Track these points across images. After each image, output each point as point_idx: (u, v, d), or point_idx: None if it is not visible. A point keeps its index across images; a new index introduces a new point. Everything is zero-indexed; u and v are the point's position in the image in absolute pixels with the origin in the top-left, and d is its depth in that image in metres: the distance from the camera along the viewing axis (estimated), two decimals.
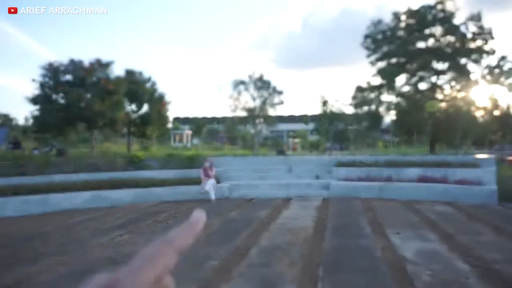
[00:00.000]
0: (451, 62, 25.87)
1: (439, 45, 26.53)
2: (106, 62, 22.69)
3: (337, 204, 9.56)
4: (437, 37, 26.59)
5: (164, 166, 11.98)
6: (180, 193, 10.51)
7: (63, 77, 21.21)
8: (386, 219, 7.73)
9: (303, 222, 7.54)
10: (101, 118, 20.60)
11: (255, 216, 8.19)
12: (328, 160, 12.91)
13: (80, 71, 21.26)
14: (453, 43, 26.18)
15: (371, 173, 11.44)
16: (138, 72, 26.55)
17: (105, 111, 20.70)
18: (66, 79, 21.40)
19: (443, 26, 26.09)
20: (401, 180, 11.15)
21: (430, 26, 26.30)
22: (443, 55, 26.24)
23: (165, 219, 7.94)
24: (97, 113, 20.52)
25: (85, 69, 21.29)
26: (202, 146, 42.20)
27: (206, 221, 0.67)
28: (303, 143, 33.68)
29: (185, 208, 9.19)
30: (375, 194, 10.53)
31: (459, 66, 25.67)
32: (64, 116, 19.54)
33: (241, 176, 11.94)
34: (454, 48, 26.18)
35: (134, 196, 10.04)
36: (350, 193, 10.66)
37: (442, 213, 8.39)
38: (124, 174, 10.94)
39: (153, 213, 8.57)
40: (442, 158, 11.97)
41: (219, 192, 10.70)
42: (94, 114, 20.37)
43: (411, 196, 10.25)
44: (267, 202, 10.13)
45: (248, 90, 18.05)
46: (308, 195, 10.81)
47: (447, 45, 26.52)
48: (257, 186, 11.28)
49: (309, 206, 9.43)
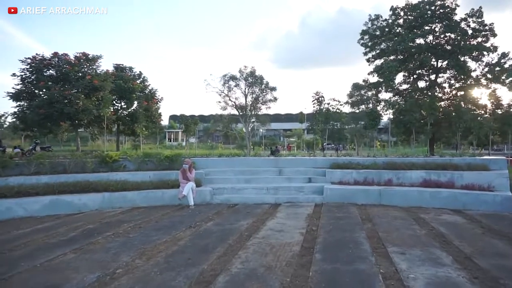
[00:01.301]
0: (451, 59, 24.60)
1: (439, 42, 25.27)
2: (93, 57, 21.30)
3: (330, 212, 8.26)
4: (437, 33, 25.32)
5: (141, 167, 10.65)
6: (155, 197, 9.19)
7: (46, 71, 19.85)
8: (388, 233, 6.43)
9: (289, 236, 6.23)
10: (86, 115, 19.22)
11: (234, 227, 6.89)
12: (322, 161, 11.61)
13: (65, 65, 19.88)
14: (453, 40, 24.91)
15: (369, 176, 10.14)
16: (128, 67, 25.30)
17: (90, 108, 19.34)
18: (50, 73, 20.05)
19: (442, 22, 24.80)
20: (402, 184, 9.87)
21: (430, 23, 25.01)
22: (442, 53, 24.97)
23: (127, 230, 6.62)
24: (82, 110, 19.16)
25: (69, 63, 19.90)
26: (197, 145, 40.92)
27: (174, 234, 4.01)
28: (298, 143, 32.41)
29: (157, 216, 7.87)
30: (373, 199, 9.24)
31: (459, 63, 24.40)
32: (45, 113, 18.16)
33: (226, 178, 10.63)
34: (454, 45, 24.92)
35: (101, 202, 8.72)
36: (346, 198, 9.37)
37: (452, 225, 7.10)
38: (94, 176, 9.60)
39: (116, 223, 7.24)
40: (447, 159, 10.68)
41: (200, 197, 9.39)
42: (78, 110, 19.01)
43: (414, 203, 8.96)
44: (252, 208, 8.83)
45: (239, 86, 16.62)
46: (299, 200, 9.51)
47: (447, 42, 25.25)
48: (243, 190, 9.97)
49: (298, 214, 8.12)
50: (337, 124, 32.05)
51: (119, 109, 23.56)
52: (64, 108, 18.50)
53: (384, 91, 25.79)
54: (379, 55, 26.33)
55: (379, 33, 26.31)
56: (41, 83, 18.94)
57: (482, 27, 24.73)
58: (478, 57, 25.10)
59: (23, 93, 19.50)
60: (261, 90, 16.91)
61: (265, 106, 17.19)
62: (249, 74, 16.79)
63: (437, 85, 25.60)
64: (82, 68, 20.57)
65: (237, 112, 17.19)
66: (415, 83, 26.35)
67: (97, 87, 19.92)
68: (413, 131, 22.82)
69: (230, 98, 16.84)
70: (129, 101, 23.19)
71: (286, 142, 36.73)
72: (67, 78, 19.67)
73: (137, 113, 22.08)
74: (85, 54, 21.11)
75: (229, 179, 10.57)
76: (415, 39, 24.81)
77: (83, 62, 20.80)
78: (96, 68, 21.32)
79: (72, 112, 18.74)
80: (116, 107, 23.66)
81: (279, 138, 56.13)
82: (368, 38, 26.55)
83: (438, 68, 25.60)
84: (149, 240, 5.93)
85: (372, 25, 26.42)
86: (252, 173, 11.01)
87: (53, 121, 19.12)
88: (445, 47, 25.18)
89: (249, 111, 17.11)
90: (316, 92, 15.82)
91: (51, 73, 20.04)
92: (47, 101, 18.32)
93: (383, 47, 26.07)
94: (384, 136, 42.86)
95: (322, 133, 21.95)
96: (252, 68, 16.74)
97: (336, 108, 23.98)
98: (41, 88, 18.94)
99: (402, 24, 26.14)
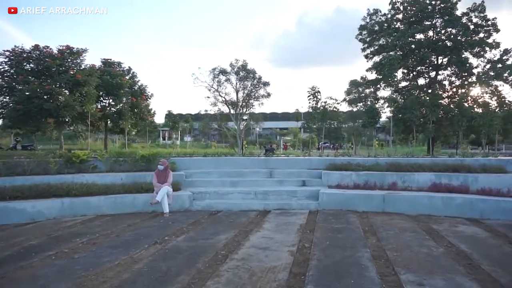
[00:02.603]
0: (452, 55, 23.35)
1: (439, 38, 24.00)
2: (78, 50, 19.85)
3: (327, 222, 6.95)
4: (437, 28, 24.06)
5: (114, 168, 9.30)
6: (124, 203, 7.83)
7: (26, 65, 18.40)
8: (397, 251, 5.13)
9: (276, 256, 4.92)
10: (68, 111, 17.80)
11: (209, 243, 5.56)
12: (318, 161, 10.29)
13: (46, 58, 18.43)
14: (454, 36, 23.66)
15: (371, 179, 8.84)
16: (117, 62, 23.90)
17: (73, 104, 17.92)
18: (31, 67, 18.59)
19: (443, 17, 23.52)
20: (408, 188, 8.57)
21: (430, 17, 23.74)
22: (443, 48, 23.71)
23: (75, 249, 5.27)
24: (64, 106, 17.74)
25: (51, 57, 18.45)
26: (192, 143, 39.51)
27: (133, 253, 3.22)
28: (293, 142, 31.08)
29: (120, 228, 6.52)
30: (376, 206, 7.94)
31: (460, 60, 23.15)
32: (23, 109, 16.75)
33: (209, 181, 9.28)
34: (455, 41, 23.67)
35: (60, 209, 7.36)
36: (344, 204, 8.06)
37: (473, 240, 5.80)
38: (56, 178, 8.24)
39: (67, 237, 5.89)
40: (457, 160, 9.40)
41: (177, 203, 8.05)
42: (60, 106, 17.59)
43: (423, 210, 7.66)
44: (236, 216, 7.50)
45: (230, 81, 15.25)
46: (291, 207, 8.19)
47: (448, 37, 24.00)
48: (228, 194, 8.63)
49: (289, 224, 6.80)
50: (334, 123, 30.77)
51: (106, 105, 22.15)
52: (44, 103, 17.05)
53: (383, 88, 24.51)
54: (377, 51, 25.03)
55: (377, 28, 25.02)
56: (20, 77, 17.48)
57: (484, 22, 23.50)
58: (480, 53, 23.89)
59: (3, 88, 18.06)
60: (253, 85, 15.55)
61: (258, 102, 15.86)
62: (240, 68, 15.44)
63: (437, 83, 24.37)
64: (66, 62, 19.09)
65: (228, 109, 15.83)
66: (415, 80, 25.11)
67: (80, 82, 18.48)
68: (413, 130, 21.58)
69: (220, 94, 15.48)
70: (117, 98, 21.74)
71: (282, 141, 35.38)
72: (48, 72, 18.21)
73: (123, 109, 20.61)
74: (69, 47, 19.62)
75: (213, 182, 9.23)
76: (415, 34, 23.54)
77: (66, 56, 19.33)
78: (81, 62, 19.85)
79: (53, 108, 17.28)
80: (104, 103, 22.27)
81: (276, 137, 54.82)
82: (367, 33, 25.23)
83: (438, 65, 24.36)
84: (97, 263, 4.58)
85: (370, 20, 25.12)
86: (240, 175, 9.68)
87: (32, 118, 17.66)
88: (446, 43, 23.93)
89: (241, 107, 15.77)
90: (312, 87, 14.46)
91: (32, 67, 18.56)
92: (26, 96, 16.89)
93: (382, 42, 24.80)
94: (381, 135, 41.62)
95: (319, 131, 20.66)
96: (243, 62, 15.39)
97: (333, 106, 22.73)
98: (20, 82, 17.48)
99: (402, 19, 24.86)
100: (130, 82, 22.96)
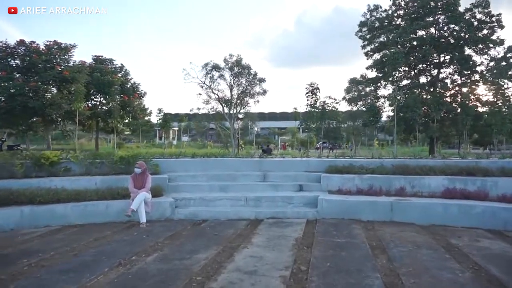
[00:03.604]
0: (454, 53, 22.33)
1: (442, 35, 22.98)
2: (66, 46, 18.79)
3: (327, 235, 5.90)
4: (440, 25, 23.04)
5: (90, 171, 8.24)
6: (96, 212, 6.78)
7: (11, 60, 17.34)
8: (414, 276, 4.09)
9: (264, 284, 3.87)
10: (54, 109, 16.76)
11: (185, 265, 4.51)
12: (317, 163, 9.25)
13: (32, 54, 17.37)
14: (457, 32, 22.64)
15: (376, 183, 7.80)
16: (108, 59, 22.80)
17: (60, 102, 16.87)
18: (16, 63, 17.54)
19: (446, 13, 22.48)
20: (418, 193, 7.53)
21: (432, 13, 22.71)
22: (446, 45, 22.69)
23: (17, 274, 4.18)
24: (50, 104, 16.71)
25: (37, 52, 17.39)
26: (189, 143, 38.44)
27: (86, 281, 2.71)
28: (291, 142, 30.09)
29: (84, 243, 5.46)
30: (383, 214, 6.90)
31: (463, 57, 22.14)
32: (6, 107, 15.71)
33: (196, 185, 8.23)
34: (458, 38, 22.66)
35: (19, 219, 6.30)
36: (347, 213, 7.02)
37: (503, 260, 4.75)
38: (20, 183, 7.19)
39: (16, 255, 4.82)
40: (471, 162, 8.38)
41: (157, 211, 7.00)
42: (46, 104, 16.56)
43: (437, 219, 6.62)
44: (222, 228, 6.45)
45: (223, 77, 14.21)
46: (286, 215, 7.14)
47: (451, 34, 22.98)
48: (215, 200, 7.58)
49: (283, 238, 5.75)
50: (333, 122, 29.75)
51: (97, 104, 21.09)
52: (29, 101, 16.01)
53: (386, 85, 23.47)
54: (378, 48, 24.03)
55: (378, 25, 24.01)
56: (3, 73, 16.42)
57: (488, 18, 22.49)
58: (484, 50, 22.88)
59: None
60: (248, 81, 14.53)
61: (253, 100, 14.85)
62: (234, 64, 14.41)
63: (439, 81, 23.35)
64: (53, 58, 18.03)
65: (222, 107, 14.79)
66: (416, 78, 24.10)
67: (68, 79, 17.42)
68: (416, 129, 20.57)
69: (213, 91, 14.43)
70: (108, 96, 20.65)
71: (280, 140, 34.33)
72: (34, 68, 17.15)
73: (111, 108, 19.53)
74: (56, 43, 18.57)
75: (200, 186, 8.18)
76: (417, 30, 22.51)
77: (54, 52, 18.28)
78: (69, 59, 18.79)
79: (38, 106, 16.23)
80: (95, 102, 21.20)
81: (274, 137, 53.79)
82: (367, 30, 24.21)
83: (440, 63, 23.35)
84: None
85: (371, 16, 24.09)
86: (230, 178, 8.63)
87: (16, 116, 16.61)
88: (449, 40, 22.93)
89: (235, 105, 14.73)
90: (311, 83, 13.40)
91: (17, 63, 17.51)
92: (10, 93, 15.83)
93: (383, 39, 23.78)
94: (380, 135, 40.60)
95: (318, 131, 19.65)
96: (238, 57, 14.37)
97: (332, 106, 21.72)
98: (3, 79, 16.41)
99: (403, 15, 23.84)
100: (122, 80, 21.90)
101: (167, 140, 43.10)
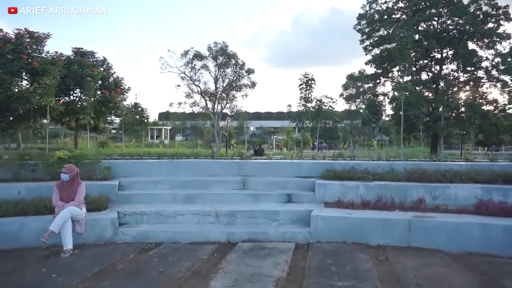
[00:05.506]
0: (458, 47, 20.51)
1: (445, 28, 21.14)
2: (39, 35, 16.76)
3: (323, 271, 3.97)
4: (443, 18, 21.20)
5: (18, 176, 6.29)
6: (5, 235, 4.82)
7: None
8: None
9: None
10: (21, 103, 14.78)
11: None
12: (311, 166, 7.29)
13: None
14: (461, 26, 20.81)
15: (386, 193, 5.88)
16: (90, 52, 20.83)
17: (28, 96, 14.88)
18: None
19: (449, 6, 20.64)
20: (442, 207, 5.60)
21: (435, 6, 20.88)
22: (449, 39, 20.85)
23: None
24: (16, 98, 14.72)
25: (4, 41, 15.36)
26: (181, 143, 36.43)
27: None
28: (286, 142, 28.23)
29: None
30: (398, 237, 4.98)
31: (468, 51, 20.32)
32: None
33: (155, 195, 6.26)
34: (462, 32, 20.84)
35: None
36: (349, 234, 5.11)
37: None
38: None
39: None
40: (507, 165, 6.49)
41: (94, 231, 5.06)
42: (11, 98, 14.57)
43: (475, 246, 4.70)
44: (176, 258, 4.51)
45: (207, 67, 12.26)
46: (268, 237, 5.21)
47: (455, 28, 21.15)
48: (177, 216, 5.63)
49: (258, 281, 3.81)
50: (329, 122, 27.89)
51: (76, 99, 19.08)
52: None
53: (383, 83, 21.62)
54: (377, 42, 22.17)
55: (378, 18, 22.16)
56: None
57: (494, 11, 20.69)
58: (489, 45, 21.07)
59: None
60: (234, 72, 12.57)
61: (241, 94, 12.91)
62: (219, 52, 12.46)
63: (442, 78, 21.52)
64: (22, 48, 16.00)
65: (204, 101, 12.84)
66: (418, 75, 22.27)
67: (38, 71, 15.41)
68: (417, 128, 18.77)
69: (194, 82, 12.48)
70: (86, 90, 18.61)
71: (274, 140, 32.39)
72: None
73: (84, 102, 17.52)
74: (28, 31, 16.55)
75: (160, 196, 6.22)
76: (419, 23, 20.66)
77: (24, 41, 16.26)
78: (41, 49, 16.76)
79: (2, 99, 14.21)
80: (74, 97, 19.21)
81: (269, 136, 51.92)
82: (366, 23, 22.35)
83: (442, 59, 21.52)
84: None
85: (370, 8, 22.25)
86: (201, 185, 6.68)
87: None
88: (452, 34, 21.10)
89: (220, 99, 12.79)
90: (305, 73, 11.46)
91: None
92: None
93: (382, 33, 21.93)
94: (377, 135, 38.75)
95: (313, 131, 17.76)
96: (223, 44, 12.41)
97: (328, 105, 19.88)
98: None
99: (404, 8, 22.01)
100: (104, 74, 19.92)
101: (158, 140, 41.12)
